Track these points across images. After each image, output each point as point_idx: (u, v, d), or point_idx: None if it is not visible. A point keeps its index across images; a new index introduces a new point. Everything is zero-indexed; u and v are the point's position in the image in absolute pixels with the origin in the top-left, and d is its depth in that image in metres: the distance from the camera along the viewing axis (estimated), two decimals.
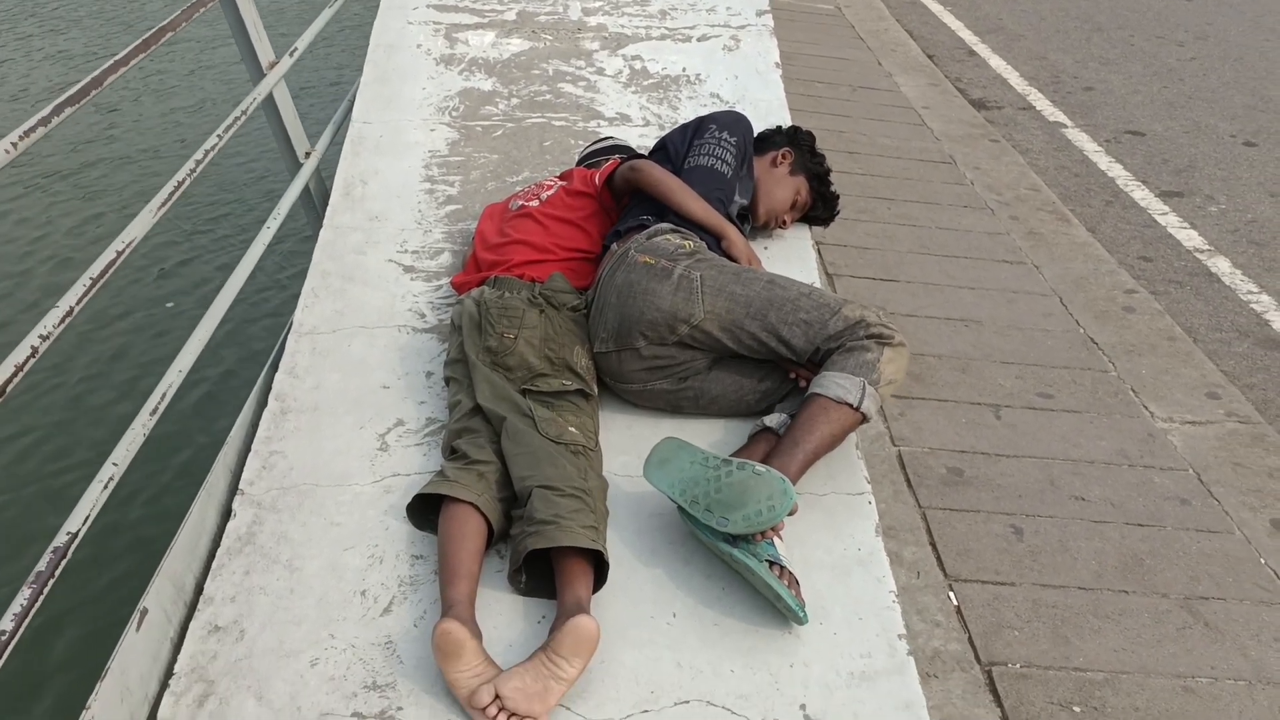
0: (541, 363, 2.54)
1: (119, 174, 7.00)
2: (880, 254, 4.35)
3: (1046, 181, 5.83)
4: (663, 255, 2.56)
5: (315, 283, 3.02)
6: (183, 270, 5.75)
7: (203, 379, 4.41)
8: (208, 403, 4.25)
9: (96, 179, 6.92)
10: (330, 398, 2.67)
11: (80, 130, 7.59)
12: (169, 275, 5.56)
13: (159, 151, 7.34)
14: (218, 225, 6.32)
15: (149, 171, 6.98)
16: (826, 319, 2.47)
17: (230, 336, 4.86)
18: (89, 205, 6.50)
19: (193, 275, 5.69)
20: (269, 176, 6.88)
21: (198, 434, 3.98)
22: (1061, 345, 3.79)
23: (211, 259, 5.88)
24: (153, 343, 4.87)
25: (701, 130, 2.97)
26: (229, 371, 4.59)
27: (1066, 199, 5.72)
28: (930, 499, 2.92)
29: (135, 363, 4.72)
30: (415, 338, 2.87)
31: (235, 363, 4.66)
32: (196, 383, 4.33)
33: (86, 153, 7.30)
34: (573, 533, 2.13)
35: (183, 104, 8.28)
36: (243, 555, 2.26)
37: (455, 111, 3.73)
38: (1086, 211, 5.61)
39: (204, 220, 6.39)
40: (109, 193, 6.73)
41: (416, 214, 3.29)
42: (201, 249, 6.04)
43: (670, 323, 2.50)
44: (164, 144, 7.48)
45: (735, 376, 2.61)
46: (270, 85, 3.35)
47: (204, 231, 6.24)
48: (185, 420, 4.07)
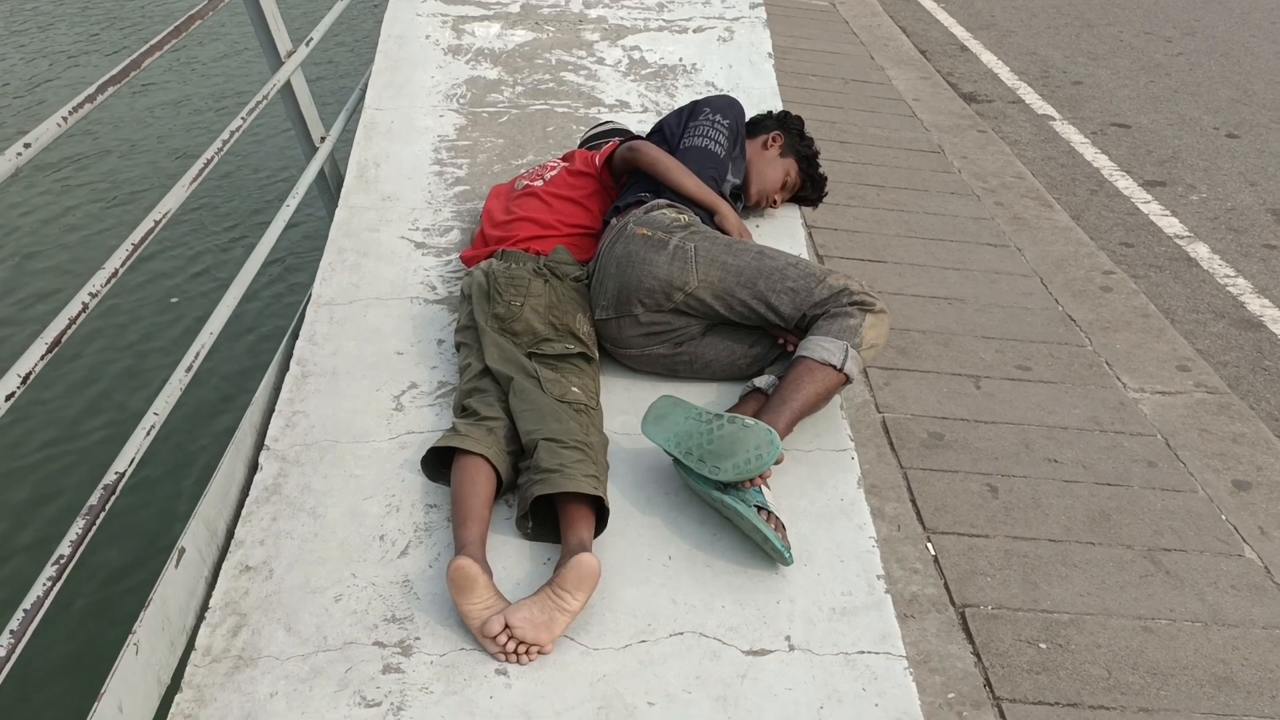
0: (546, 328, 2.70)
1: (145, 154, 7.31)
2: (869, 237, 4.52)
3: (1033, 171, 5.99)
4: (659, 228, 2.73)
5: (332, 258, 3.19)
6: (211, 247, 6.04)
7: (230, 347, 4.62)
8: (235, 368, 4.48)
9: (125, 159, 7.25)
10: (348, 363, 2.83)
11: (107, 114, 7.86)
12: (199, 253, 5.87)
13: (178, 135, 7.65)
14: (239, 205, 6.62)
15: (175, 151, 7.34)
16: (812, 287, 2.63)
17: (254, 308, 5.11)
18: (119, 185, 6.83)
19: (219, 251, 5.98)
20: (286, 161, 7.17)
21: (227, 396, 4.22)
22: (1040, 322, 3.96)
23: (236, 236, 6.18)
24: (185, 312, 5.16)
25: (696, 113, 3.13)
26: (254, 339, 4.83)
27: (1053, 188, 5.89)
28: (911, 460, 3.09)
29: (167, 332, 5.01)
30: (427, 308, 3.04)
31: (259, 332, 4.91)
32: (224, 350, 4.53)
33: (121, 132, 7.58)
34: (576, 480, 2.29)
35: (202, 91, 8.53)
36: (270, 504, 2.42)
37: (463, 99, 3.90)
38: (1071, 200, 5.77)
39: (227, 200, 6.68)
40: (137, 171, 7.06)
41: (427, 194, 3.46)
42: (227, 227, 6.33)
43: (666, 290, 2.67)
44: (184, 128, 7.80)
45: (728, 342, 2.77)
46: (289, 73, 3.52)
47: (226, 212, 6.53)
48: (216, 384, 4.31)
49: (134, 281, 5.37)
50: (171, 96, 8.40)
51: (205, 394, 4.27)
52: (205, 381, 4.28)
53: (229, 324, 2.82)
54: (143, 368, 4.65)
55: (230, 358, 4.59)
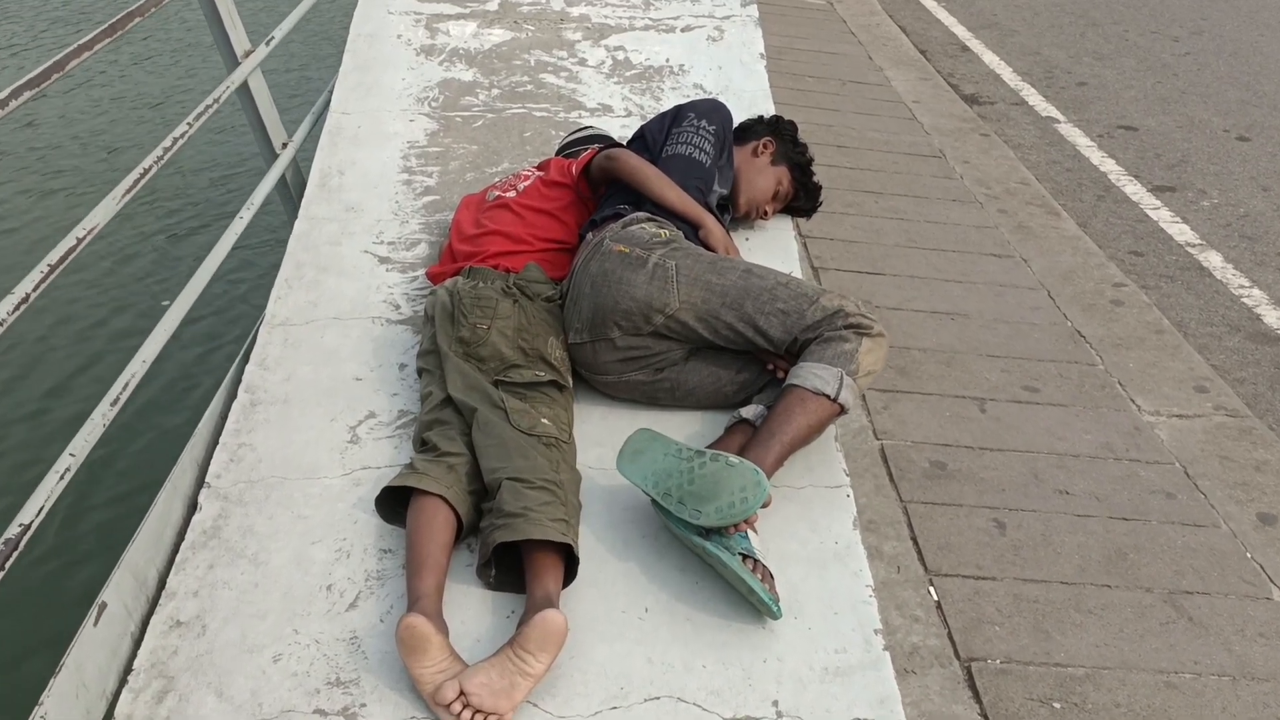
0: (514, 353, 2.50)
1: (85, 160, 6.90)
2: (867, 247, 4.32)
3: (1038, 176, 5.78)
4: (638, 244, 2.52)
5: (289, 273, 2.99)
6: (153, 261, 5.64)
7: (172, 371, 4.33)
8: (177, 395, 4.19)
9: (61, 166, 6.83)
10: (301, 390, 2.63)
11: (45, 113, 7.52)
12: (139, 265, 5.50)
13: (133, 138, 7.28)
14: (192, 216, 6.21)
15: (118, 164, 6.90)
16: (804, 309, 2.43)
17: (202, 328, 4.77)
18: (49, 196, 6.44)
19: (163, 267, 5.60)
20: (249, 167, 6.77)
21: (165, 426, 3.92)
22: (1048, 339, 3.75)
23: (183, 250, 5.78)
24: (119, 333, 4.78)
25: (680, 119, 2.93)
26: (199, 363, 4.53)
27: (1058, 194, 5.68)
28: (912, 493, 2.89)
29: (100, 354, 4.62)
30: (389, 329, 2.83)
31: (206, 355, 4.59)
32: (165, 374, 4.25)
33: (51, 137, 7.19)
34: (541, 525, 2.10)
35: (160, 88, 8.19)
36: (207, 549, 2.22)
37: (435, 102, 3.70)
38: (1078, 206, 5.57)
39: (177, 210, 6.28)
40: (74, 179, 6.65)
41: (393, 205, 3.26)
42: (174, 240, 5.93)
43: (645, 312, 2.47)
44: (139, 130, 7.42)
45: (712, 367, 2.57)
46: (245, 74, 3.31)
47: (176, 222, 6.13)
48: (153, 412, 4.01)
49: (59, 302, 4.93)
50: (126, 90, 8.07)
51: (140, 422, 3.97)
52: (141, 409, 3.98)
53: (174, 348, 2.62)
54: (64, 402, 4.26)
55: (173, 383, 4.30)
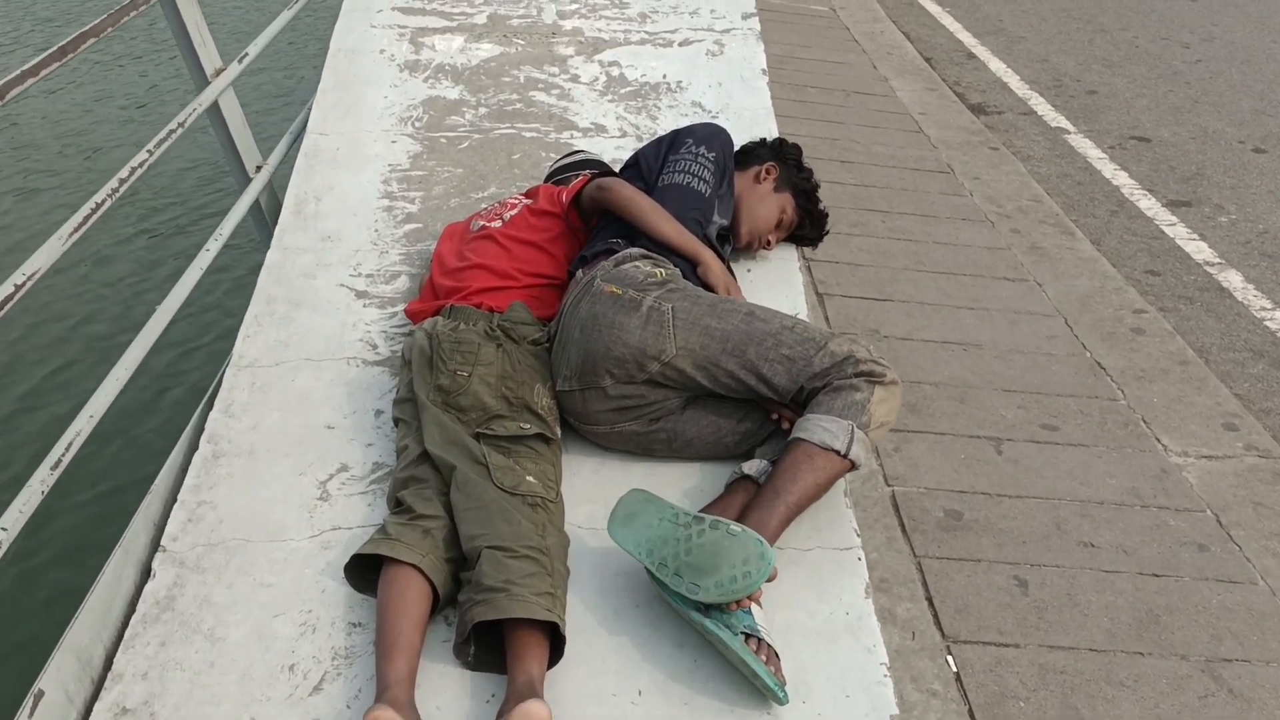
0: (498, 403, 2.32)
1: (39, 194, 6.52)
2: (874, 271, 4.13)
3: (1049, 190, 5.61)
4: (631, 285, 2.34)
5: (259, 309, 2.80)
6: (109, 298, 5.26)
7: (129, 418, 4.03)
8: (133, 445, 3.93)
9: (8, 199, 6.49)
10: (269, 439, 2.45)
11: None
12: (92, 302, 5.12)
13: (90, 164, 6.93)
14: (156, 245, 5.85)
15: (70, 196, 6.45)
16: (811, 355, 2.25)
17: (164, 371, 4.44)
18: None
19: (120, 304, 5.21)
20: (223, 186, 6.43)
21: (119, 481, 3.69)
22: (1067, 371, 3.57)
23: (145, 284, 5.38)
24: (66, 382, 4.43)
25: (677, 144, 2.75)
26: (159, 409, 4.22)
27: (1070, 209, 5.50)
28: (926, 546, 2.70)
29: (43, 404, 4.26)
30: (365, 371, 2.65)
31: (167, 400, 4.29)
32: (121, 422, 3.95)
33: (32, 136, 6.95)
34: (525, 602, 1.92)
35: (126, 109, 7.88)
36: (159, 623, 2.04)
37: (419, 122, 3.51)
38: (1091, 222, 5.39)
39: (139, 238, 5.91)
40: (24, 213, 6.31)
41: (373, 234, 3.07)
42: (134, 273, 5.55)
43: (639, 360, 2.29)
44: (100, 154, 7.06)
45: (712, 417, 2.39)
46: (215, 94, 3.13)
47: (137, 252, 5.76)
48: (105, 466, 3.76)
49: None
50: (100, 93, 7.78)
51: (90, 478, 3.68)
52: (92, 465, 3.67)
53: (131, 392, 2.44)
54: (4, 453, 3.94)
55: (129, 433, 3.99)
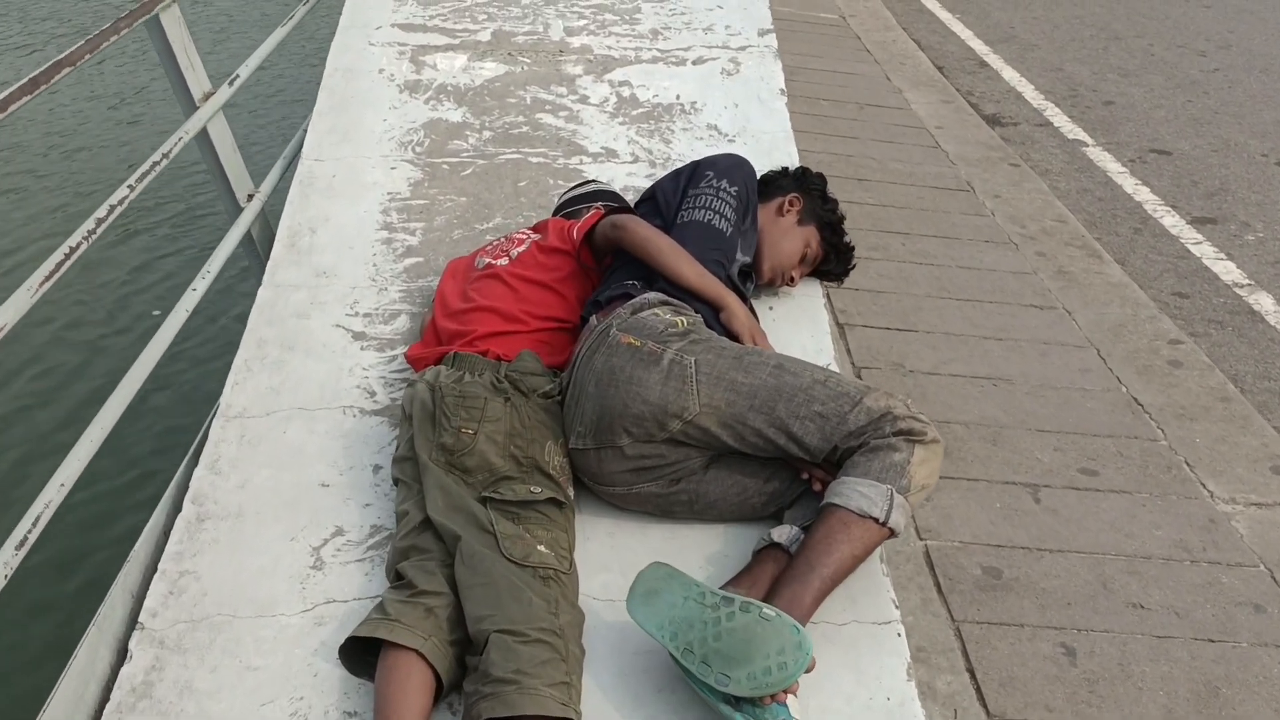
0: (506, 463, 2.15)
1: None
2: (895, 298, 3.96)
3: (1069, 206, 5.43)
4: (650, 335, 2.16)
5: (249, 353, 2.63)
6: (88, 347, 4.87)
7: (107, 478, 3.73)
8: (112, 507, 3.66)
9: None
10: (258, 499, 2.27)
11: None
12: (71, 348, 4.72)
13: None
14: (143, 282, 5.46)
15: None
16: (846, 412, 2.07)
17: (147, 422, 4.10)
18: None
19: (99, 354, 4.76)
20: (218, 213, 6.04)
21: (96, 546, 3.45)
22: (1103, 408, 3.39)
23: (127, 330, 5.00)
24: (38, 447, 4.08)
25: (697, 177, 2.57)
26: (140, 465, 3.91)
27: (1092, 225, 5.33)
28: (965, 609, 2.53)
29: (15, 471, 3.93)
30: (362, 422, 2.48)
31: (150, 454, 3.98)
32: (98, 483, 3.63)
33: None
34: (537, 696, 1.75)
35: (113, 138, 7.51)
36: (135, 713, 1.87)
37: (420, 146, 3.33)
38: (1114, 241, 5.21)
39: (124, 276, 5.49)
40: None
41: (371, 268, 2.90)
42: (113, 315, 5.16)
43: (659, 418, 2.11)
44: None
45: (737, 476, 2.22)
46: (204, 120, 2.96)
47: (122, 291, 5.38)
48: (80, 531, 3.50)
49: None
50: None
51: (65, 548, 3.37)
52: (65, 531, 3.31)
53: (111, 448, 2.26)
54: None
55: (106, 496, 3.69)
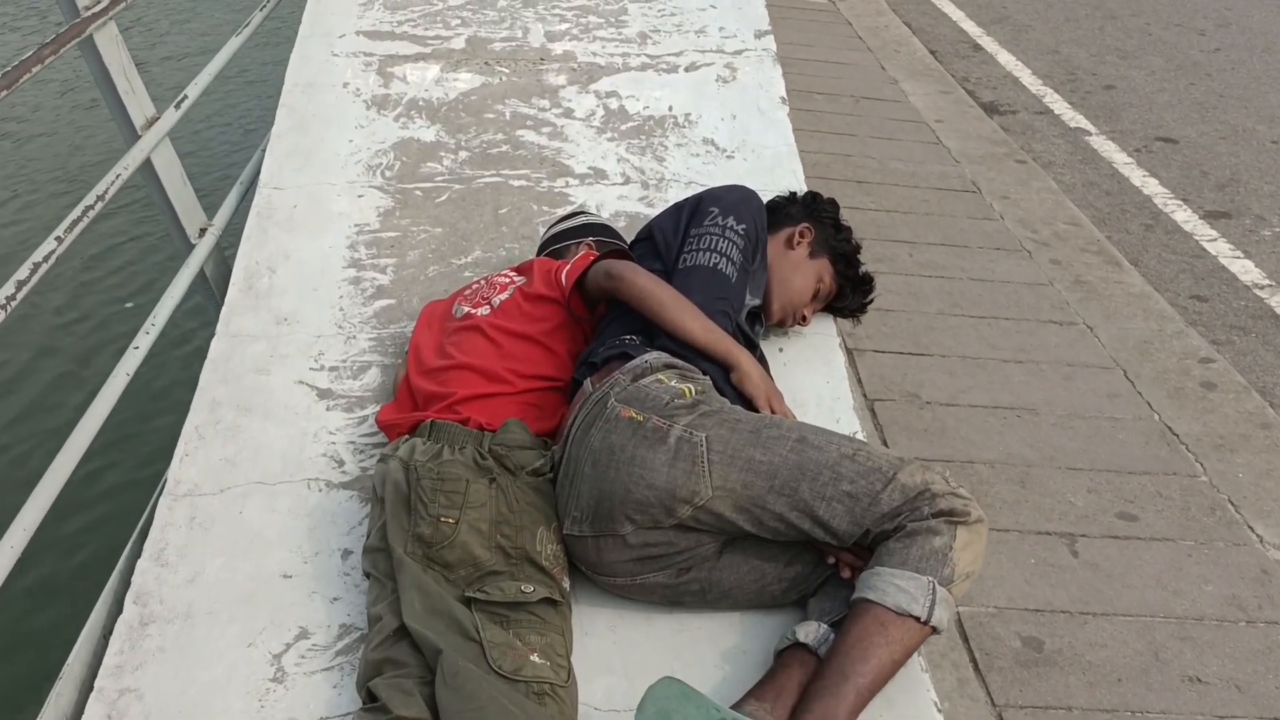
0: (492, 555, 1.89)
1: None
2: (906, 318, 3.70)
3: (1077, 202, 5.19)
4: (654, 408, 1.90)
5: (200, 418, 2.35)
6: (16, 423, 4.26)
7: (34, 571, 3.20)
8: (42, 607, 3.22)
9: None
10: (210, 596, 2.01)
11: None
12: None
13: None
14: (79, 339, 4.78)
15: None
16: (878, 491, 1.82)
17: (82, 503, 3.60)
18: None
19: (27, 432, 4.14)
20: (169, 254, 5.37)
21: (21, 659, 3.03)
22: (1136, 440, 3.15)
23: (59, 402, 4.37)
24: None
25: (700, 215, 2.30)
26: (76, 554, 3.45)
27: (1101, 223, 5.09)
28: (1007, 691, 2.28)
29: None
30: (329, 497, 2.21)
31: (86, 541, 3.51)
32: (22, 581, 3.07)
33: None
34: None
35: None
36: None
37: (389, 170, 3.05)
38: (1125, 240, 4.98)
39: (59, 337, 4.81)
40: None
41: (337, 313, 2.62)
42: (51, 383, 4.48)
43: (667, 503, 1.85)
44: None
45: (755, 561, 1.97)
46: (147, 149, 2.67)
47: (59, 353, 4.68)
48: (3, 640, 3.09)
49: None
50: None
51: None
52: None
53: (41, 543, 1.99)
54: None
55: (34, 597, 3.19)
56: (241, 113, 7.63)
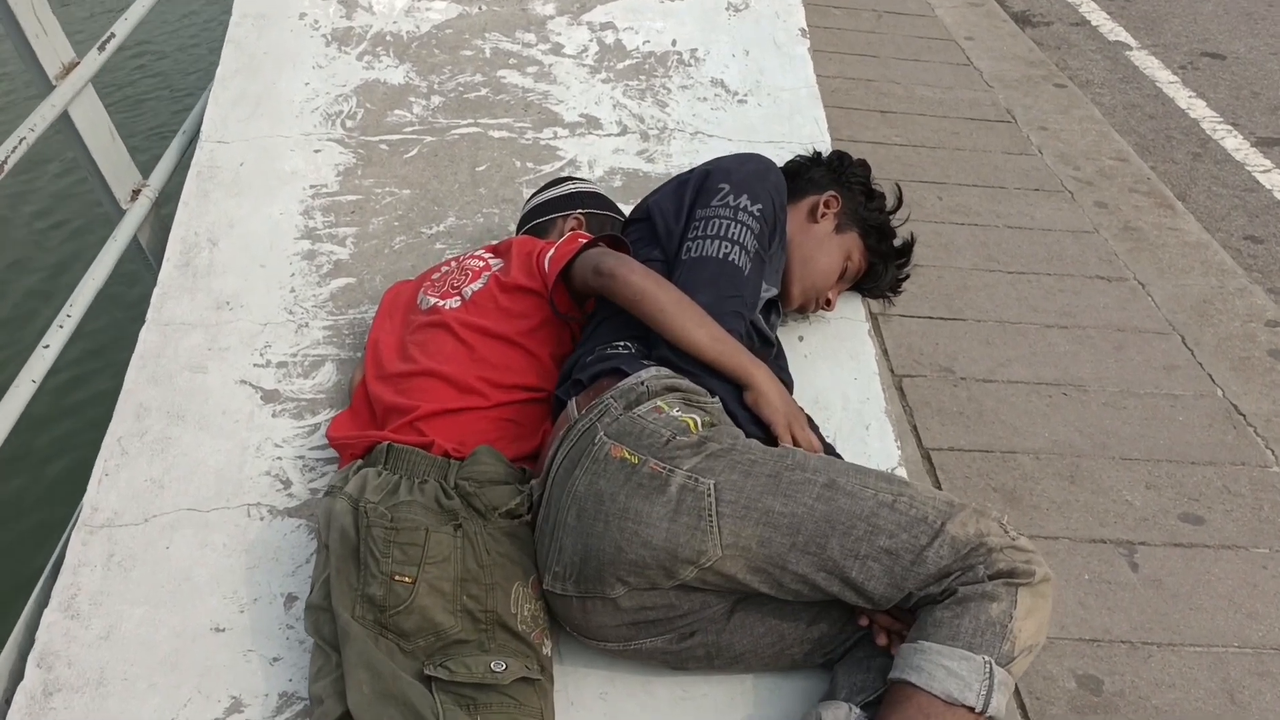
0: (457, 621, 1.59)
1: None
2: (936, 275, 3.34)
3: (1118, 128, 4.78)
4: (651, 448, 1.57)
5: (124, 427, 2.03)
6: None
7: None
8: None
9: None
10: (128, 657, 1.72)
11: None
12: None
13: None
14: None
15: None
16: (922, 546, 1.51)
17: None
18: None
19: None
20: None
21: None
22: (1198, 422, 2.82)
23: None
24: None
25: (707, 191, 1.94)
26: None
27: (1145, 151, 4.69)
28: None
29: None
30: (272, 528, 1.90)
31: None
32: None
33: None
34: None
35: None
36: None
37: (351, 120, 2.67)
38: (1172, 170, 4.58)
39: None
40: None
41: (288, 295, 2.28)
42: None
43: (666, 564, 1.54)
44: None
45: (772, 622, 1.67)
46: (64, 102, 2.29)
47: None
48: None
49: None
50: None
51: None
52: None
53: None
54: None
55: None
56: (186, 56, 6.88)
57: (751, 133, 2.66)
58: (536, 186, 2.42)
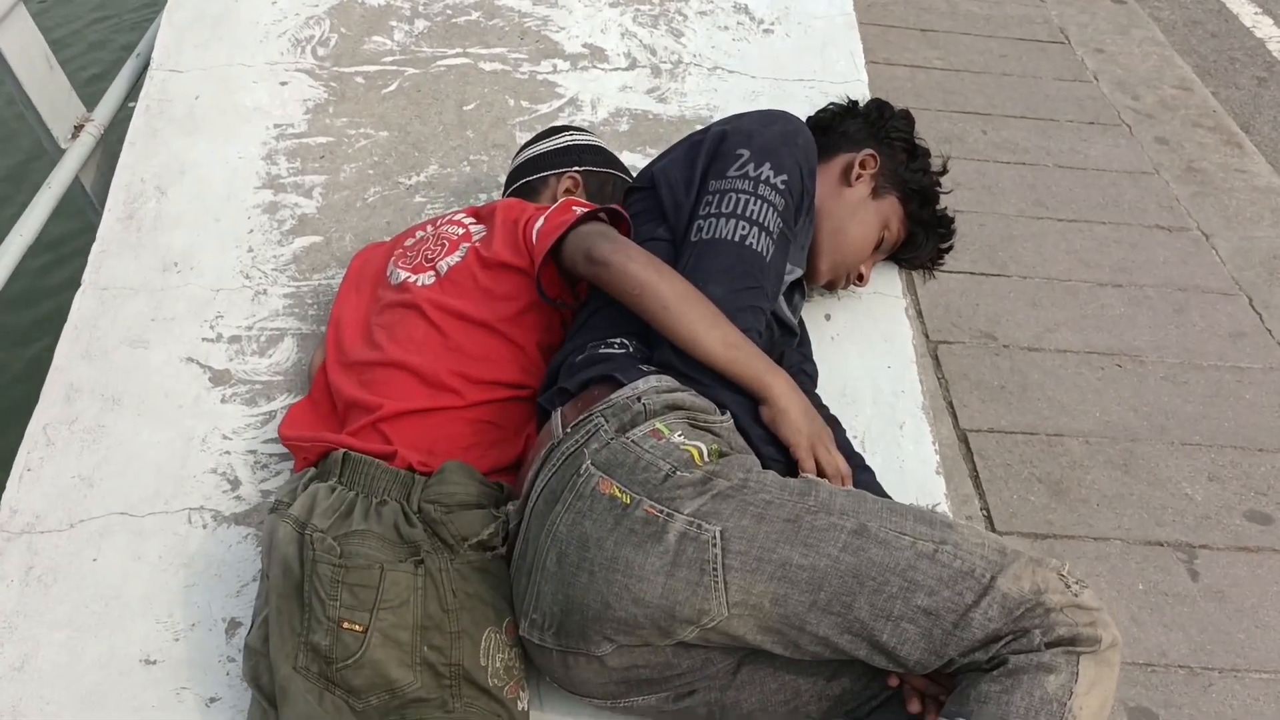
0: (416, 677, 1.38)
1: None
2: (978, 220, 3.05)
3: (1178, 47, 4.42)
4: (646, 485, 1.33)
5: (51, 413, 1.80)
6: None
7: None
8: None
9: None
10: (43, 694, 1.52)
11: None
12: None
13: None
14: None
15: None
16: (968, 605, 1.28)
17: None
18: None
19: None
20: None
21: None
22: (1268, 401, 2.56)
23: None
24: None
25: (723, 158, 1.66)
26: None
27: (1206, 74, 4.34)
28: None
29: None
30: (216, 538, 1.68)
31: None
32: None
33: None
34: None
35: None
36: None
37: (323, 47, 2.38)
38: (1235, 97, 4.25)
39: None
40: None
41: (245, 256, 2.03)
42: None
43: (662, 624, 1.31)
44: None
45: (786, 677, 1.45)
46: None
47: None
48: None
49: None
50: None
51: None
52: None
53: None
54: None
55: None
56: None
57: (778, 68, 2.36)
58: (531, 130, 2.14)
